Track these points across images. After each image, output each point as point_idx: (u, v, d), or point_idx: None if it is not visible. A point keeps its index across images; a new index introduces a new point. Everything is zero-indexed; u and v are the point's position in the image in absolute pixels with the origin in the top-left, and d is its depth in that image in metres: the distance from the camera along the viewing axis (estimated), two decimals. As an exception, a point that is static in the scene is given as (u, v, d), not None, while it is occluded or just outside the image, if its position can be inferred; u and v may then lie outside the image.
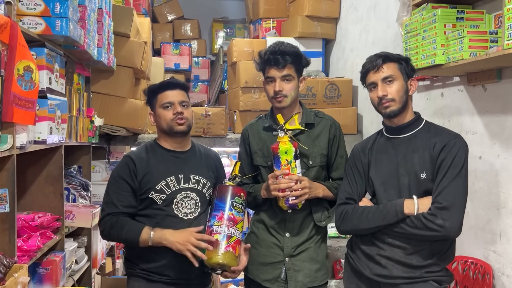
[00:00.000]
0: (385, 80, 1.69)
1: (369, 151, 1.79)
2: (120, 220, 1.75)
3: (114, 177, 1.82)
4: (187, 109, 1.84)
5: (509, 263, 2.07)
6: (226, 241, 1.70)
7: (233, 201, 1.75)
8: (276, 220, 1.87)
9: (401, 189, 1.66)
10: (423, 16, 2.25)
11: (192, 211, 1.80)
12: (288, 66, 1.79)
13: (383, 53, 1.74)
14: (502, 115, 2.12)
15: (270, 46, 1.84)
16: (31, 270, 1.92)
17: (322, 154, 1.88)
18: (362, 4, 3.77)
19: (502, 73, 2.11)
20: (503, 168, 2.09)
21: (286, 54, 1.78)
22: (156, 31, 5.41)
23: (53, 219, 2.10)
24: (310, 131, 1.88)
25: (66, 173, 2.57)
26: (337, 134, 1.91)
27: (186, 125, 1.83)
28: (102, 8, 2.55)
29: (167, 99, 1.82)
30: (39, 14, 1.83)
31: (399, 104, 1.68)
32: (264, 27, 4.58)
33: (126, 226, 1.73)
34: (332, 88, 3.73)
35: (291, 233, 1.86)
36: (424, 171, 1.63)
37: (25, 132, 1.69)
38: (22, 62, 1.56)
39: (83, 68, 2.61)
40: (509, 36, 1.67)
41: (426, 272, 1.61)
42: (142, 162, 1.81)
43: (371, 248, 1.68)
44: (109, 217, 1.76)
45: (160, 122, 1.84)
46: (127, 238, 1.75)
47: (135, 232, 1.72)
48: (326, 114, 1.97)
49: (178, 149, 1.87)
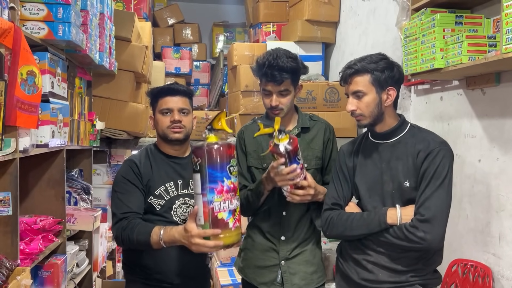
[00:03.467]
0: (354, 95, 1.64)
1: (355, 154, 1.76)
2: (131, 222, 1.68)
3: (120, 181, 1.78)
4: (187, 116, 1.82)
5: (509, 266, 2.08)
6: (232, 217, 1.48)
7: (230, 166, 1.47)
8: (271, 224, 1.86)
9: (385, 196, 1.64)
10: (422, 21, 2.27)
11: None
12: (285, 82, 1.77)
13: (355, 64, 1.64)
14: (501, 119, 2.13)
15: (268, 58, 1.76)
16: (33, 273, 1.93)
17: (317, 157, 1.88)
18: (361, 9, 3.80)
19: (501, 77, 2.12)
20: (502, 171, 2.10)
21: (284, 71, 1.74)
22: (157, 35, 5.43)
23: (54, 222, 2.11)
24: (305, 134, 1.88)
25: (68, 177, 2.58)
26: (331, 137, 1.91)
27: (183, 134, 1.80)
28: (103, 12, 2.57)
29: (166, 105, 1.79)
30: (42, 19, 1.85)
31: (369, 119, 1.64)
32: (264, 31, 4.61)
33: (137, 228, 1.65)
34: (332, 92, 3.74)
35: (286, 237, 1.86)
36: (408, 179, 1.60)
37: (28, 136, 1.70)
38: (25, 66, 1.58)
39: (85, 72, 2.63)
40: (507, 40, 1.68)
41: (412, 277, 1.61)
42: (145, 166, 1.79)
43: (358, 253, 1.68)
44: (120, 222, 1.70)
45: (157, 127, 1.83)
46: (139, 241, 1.64)
47: (146, 233, 1.62)
48: (320, 117, 1.97)
49: (177, 155, 1.86)
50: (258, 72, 1.81)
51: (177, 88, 1.84)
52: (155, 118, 1.84)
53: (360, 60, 1.65)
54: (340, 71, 1.69)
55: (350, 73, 1.63)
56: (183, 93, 1.83)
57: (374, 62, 1.63)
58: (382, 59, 1.66)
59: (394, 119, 1.70)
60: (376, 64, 1.63)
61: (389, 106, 1.67)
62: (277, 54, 1.76)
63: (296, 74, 1.81)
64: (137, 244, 1.66)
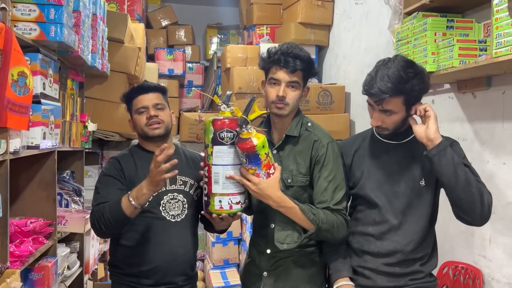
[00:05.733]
0: (382, 111, 1.57)
1: (355, 153, 1.71)
2: (102, 205, 1.67)
3: (101, 177, 1.79)
4: (163, 111, 1.80)
5: (499, 268, 2.10)
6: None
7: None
8: (260, 235, 1.75)
9: (395, 196, 1.62)
10: (414, 24, 2.29)
11: (179, 213, 1.78)
12: (298, 72, 1.61)
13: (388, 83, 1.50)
14: (491, 122, 2.15)
15: (282, 46, 1.64)
16: (23, 276, 1.91)
17: (301, 174, 1.64)
18: (354, 12, 3.82)
19: (491, 81, 2.14)
20: (492, 174, 2.12)
21: (299, 59, 1.60)
22: (150, 36, 5.42)
23: (45, 224, 2.09)
24: (294, 146, 1.67)
25: (59, 178, 2.57)
26: (322, 152, 1.63)
27: (162, 128, 1.79)
28: (96, 14, 2.56)
29: (141, 104, 1.79)
30: (34, 20, 1.84)
31: (392, 131, 1.62)
32: (258, 33, 4.61)
33: (107, 207, 1.64)
34: (325, 95, 3.76)
35: (272, 250, 1.68)
36: (424, 178, 1.60)
37: (19, 137, 1.69)
38: (16, 67, 1.57)
39: (77, 74, 2.62)
40: (497, 44, 1.70)
41: (410, 280, 1.61)
42: (129, 163, 1.79)
43: (355, 260, 1.67)
44: (93, 210, 1.70)
45: (136, 128, 1.82)
46: (113, 217, 1.62)
47: (117, 205, 1.60)
48: (320, 129, 1.71)
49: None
50: (267, 59, 1.65)
51: (148, 85, 1.85)
52: (133, 119, 1.83)
53: (390, 77, 1.51)
54: (369, 83, 1.55)
55: (385, 97, 1.51)
56: (154, 89, 1.83)
57: (407, 81, 1.52)
58: (415, 76, 1.53)
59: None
60: (410, 85, 1.52)
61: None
62: (291, 45, 1.65)
63: (309, 70, 1.66)
64: (112, 221, 1.62)
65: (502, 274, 2.08)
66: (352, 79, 3.84)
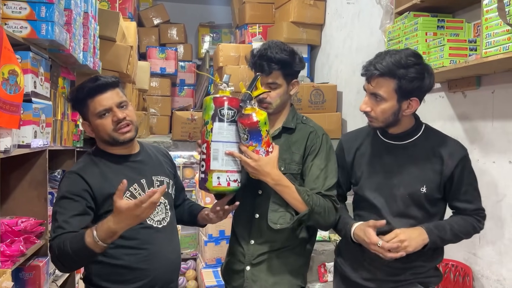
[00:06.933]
0: (372, 95, 1.52)
1: (356, 150, 1.68)
2: (62, 238, 1.42)
3: (59, 199, 1.51)
4: (127, 109, 1.57)
5: (488, 266, 2.12)
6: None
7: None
8: (243, 227, 1.74)
9: (393, 199, 1.59)
10: (405, 24, 2.31)
11: (164, 216, 1.64)
12: (274, 74, 1.64)
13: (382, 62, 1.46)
14: (481, 121, 2.18)
15: (261, 47, 1.67)
16: (14, 275, 1.90)
17: (294, 162, 1.67)
18: (346, 11, 3.83)
19: (481, 81, 2.17)
20: (482, 172, 2.14)
21: (272, 62, 1.62)
22: (142, 35, 5.40)
23: (36, 223, 2.08)
24: (290, 136, 1.71)
25: (50, 177, 2.55)
26: (317, 142, 1.68)
27: (133, 130, 1.58)
28: (88, 12, 2.55)
29: (101, 106, 1.53)
30: (25, 18, 1.82)
31: (381, 124, 1.56)
32: (250, 32, 4.62)
33: (68, 243, 1.39)
34: (317, 94, 3.77)
35: (256, 241, 1.69)
36: (425, 185, 1.54)
37: (9, 136, 1.68)
38: (7, 65, 1.56)
39: (68, 72, 2.60)
40: (487, 44, 1.72)
41: (411, 274, 1.59)
42: (94, 175, 1.54)
43: (356, 252, 1.65)
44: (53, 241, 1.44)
45: (100, 134, 1.57)
46: (78, 255, 1.39)
47: (80, 243, 1.36)
48: (314, 122, 1.77)
49: (128, 152, 1.64)
50: (249, 63, 1.71)
51: (104, 82, 1.56)
52: (93, 124, 1.57)
53: (390, 59, 1.45)
54: (368, 62, 1.52)
55: (375, 73, 1.46)
56: (112, 85, 1.57)
57: (405, 67, 1.44)
58: (415, 65, 1.46)
59: (410, 121, 1.60)
60: (406, 70, 1.44)
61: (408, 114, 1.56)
62: (269, 45, 1.65)
63: (287, 67, 1.64)
64: (74, 256, 1.40)
65: (491, 271, 2.11)
66: (344, 78, 3.86)
